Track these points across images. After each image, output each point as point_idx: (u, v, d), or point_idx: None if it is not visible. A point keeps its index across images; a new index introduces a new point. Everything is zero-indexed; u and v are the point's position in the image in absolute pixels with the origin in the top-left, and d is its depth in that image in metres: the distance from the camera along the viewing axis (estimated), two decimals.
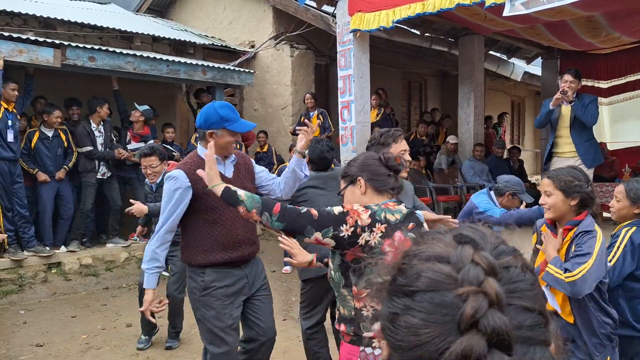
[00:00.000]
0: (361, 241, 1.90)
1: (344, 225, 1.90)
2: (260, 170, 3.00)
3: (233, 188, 2.07)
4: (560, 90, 5.65)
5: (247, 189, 2.44)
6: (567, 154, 5.84)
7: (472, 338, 0.58)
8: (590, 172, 5.70)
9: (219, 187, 2.12)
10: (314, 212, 1.94)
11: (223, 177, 2.59)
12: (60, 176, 6.25)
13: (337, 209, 1.95)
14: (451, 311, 0.61)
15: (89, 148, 6.37)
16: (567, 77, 5.71)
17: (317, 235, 1.92)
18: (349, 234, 1.90)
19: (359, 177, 2.06)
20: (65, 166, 6.30)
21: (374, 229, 1.91)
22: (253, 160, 3.06)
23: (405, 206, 2.05)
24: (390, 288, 0.68)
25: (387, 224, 1.92)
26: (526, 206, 3.76)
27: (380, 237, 1.90)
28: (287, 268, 6.52)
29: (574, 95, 5.67)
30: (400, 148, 2.86)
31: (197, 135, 2.89)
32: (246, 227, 2.80)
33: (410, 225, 1.96)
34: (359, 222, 1.91)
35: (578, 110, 5.58)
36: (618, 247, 2.66)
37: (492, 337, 0.58)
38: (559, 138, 5.90)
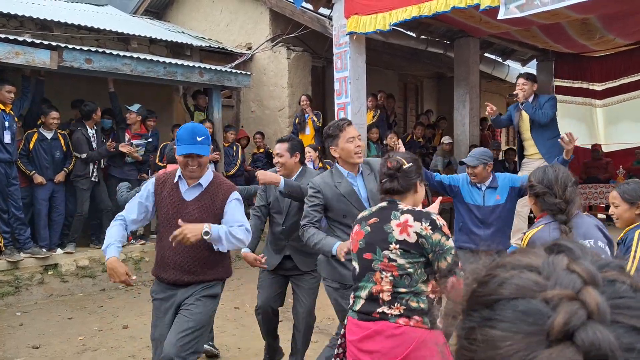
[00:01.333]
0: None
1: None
2: (230, 210, 2.79)
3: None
4: (512, 94, 5.78)
5: (200, 218, 2.66)
6: (534, 156, 5.89)
7: (563, 351, 0.50)
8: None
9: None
10: None
11: (179, 200, 2.78)
12: (60, 179, 6.27)
13: None
14: (539, 319, 0.53)
15: (88, 154, 6.39)
16: (520, 80, 5.77)
17: None
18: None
19: None
20: (65, 169, 6.33)
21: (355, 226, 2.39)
22: (233, 197, 2.83)
23: (389, 204, 2.26)
24: (468, 304, 0.61)
25: (356, 219, 2.36)
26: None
27: (352, 231, 2.35)
28: None
29: (532, 99, 5.70)
30: (348, 135, 2.96)
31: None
32: (181, 252, 2.73)
33: (372, 219, 2.24)
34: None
35: (528, 110, 5.63)
36: (636, 252, 2.62)
37: (589, 353, 0.49)
38: (525, 141, 5.96)
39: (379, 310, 2.15)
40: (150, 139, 7.10)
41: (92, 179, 6.51)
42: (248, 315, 4.96)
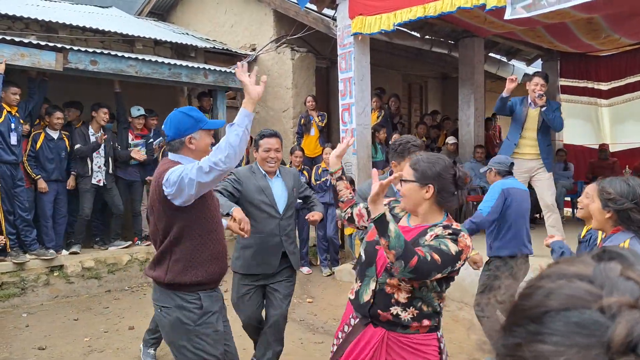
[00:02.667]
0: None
1: (459, 261, 2.01)
2: None
3: (389, 217, 1.93)
4: (537, 94, 5.44)
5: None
6: (527, 155, 5.69)
7: None
8: (550, 176, 5.70)
9: (377, 209, 1.94)
10: (436, 257, 1.94)
11: None
12: (72, 184, 6.36)
13: (453, 249, 1.99)
14: (596, 331, 0.48)
15: (78, 146, 6.37)
16: (538, 79, 5.51)
17: (438, 275, 1.98)
18: (460, 265, 2.05)
19: (430, 185, 2.10)
20: (72, 172, 6.39)
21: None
22: None
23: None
24: (509, 319, 0.56)
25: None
26: None
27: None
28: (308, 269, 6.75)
29: (545, 100, 5.54)
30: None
31: (169, 147, 2.60)
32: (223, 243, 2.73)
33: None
34: (467, 252, 2.05)
35: (549, 115, 5.45)
36: None
37: None
38: (523, 139, 5.69)
39: (392, 311, 2.09)
40: (151, 139, 7.12)
41: (94, 181, 6.50)
42: None
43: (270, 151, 3.48)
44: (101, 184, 6.56)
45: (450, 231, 2.03)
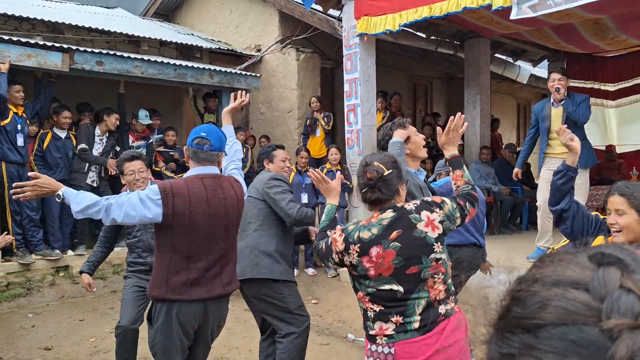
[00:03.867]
0: (347, 263, 2.14)
1: (333, 254, 2.19)
2: None
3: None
4: (555, 88, 5.32)
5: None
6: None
7: None
8: (586, 174, 5.54)
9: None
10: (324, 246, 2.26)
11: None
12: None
13: (330, 241, 2.22)
14: (595, 352, 0.46)
15: (83, 146, 6.37)
16: (555, 75, 5.41)
17: (331, 264, 2.25)
18: (337, 260, 2.18)
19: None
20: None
21: (349, 251, 2.11)
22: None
23: (395, 208, 2.12)
24: (502, 323, 0.54)
25: (361, 243, 2.08)
26: None
27: (357, 256, 2.09)
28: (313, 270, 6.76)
29: (565, 94, 5.40)
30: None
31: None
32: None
33: (394, 234, 2.05)
34: (337, 249, 2.15)
35: (569, 108, 5.31)
36: None
37: None
38: (551, 140, 5.61)
39: (441, 311, 2.08)
40: (151, 140, 7.13)
41: (88, 181, 6.47)
42: None
43: (286, 161, 3.66)
44: (95, 185, 6.55)
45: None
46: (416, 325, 2.04)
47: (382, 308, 2.08)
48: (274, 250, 3.30)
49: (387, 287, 2.06)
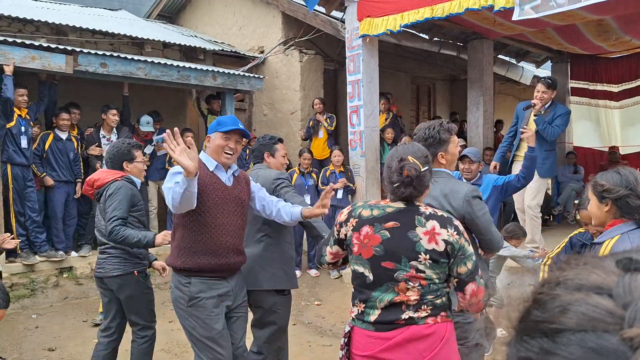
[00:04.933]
0: (342, 235, 2.17)
1: (333, 232, 2.22)
2: (258, 189, 3.04)
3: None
4: (531, 102, 5.42)
5: (243, 200, 2.85)
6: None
7: None
8: (545, 181, 5.53)
9: None
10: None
11: (223, 185, 2.78)
12: (79, 192, 6.29)
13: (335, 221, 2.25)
14: None
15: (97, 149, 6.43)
16: (540, 86, 5.43)
17: (329, 249, 2.25)
18: (336, 234, 2.20)
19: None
20: (78, 180, 6.37)
21: (347, 223, 2.14)
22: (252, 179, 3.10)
23: (407, 205, 2.07)
24: (522, 325, 0.52)
25: (359, 219, 2.10)
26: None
27: (352, 230, 2.11)
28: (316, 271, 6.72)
29: (548, 105, 5.43)
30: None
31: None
32: (235, 235, 2.83)
33: (390, 223, 2.04)
34: (340, 220, 2.19)
35: (539, 124, 5.36)
36: None
37: None
38: (522, 141, 5.54)
39: (404, 316, 2.00)
40: (154, 143, 7.17)
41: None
42: None
43: (285, 156, 3.62)
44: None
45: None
46: (372, 318, 2.04)
47: (354, 290, 2.15)
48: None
49: (360, 269, 2.09)
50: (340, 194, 6.73)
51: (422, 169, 2.04)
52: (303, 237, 6.71)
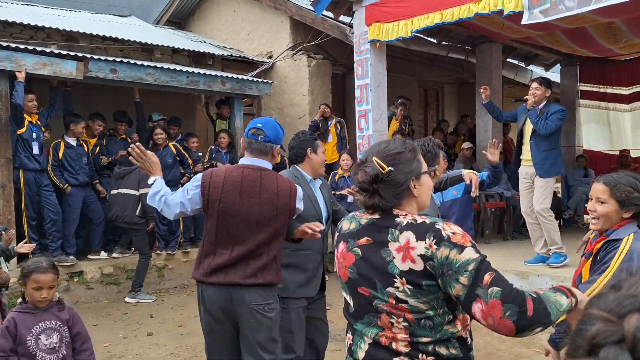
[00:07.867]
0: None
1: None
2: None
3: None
4: (524, 97, 5.46)
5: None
6: (526, 162, 5.56)
7: None
8: (550, 182, 5.50)
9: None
10: None
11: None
12: (100, 189, 6.61)
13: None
14: None
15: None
16: (533, 84, 5.44)
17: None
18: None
19: None
20: (95, 180, 6.62)
21: (335, 236, 1.79)
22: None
23: (381, 216, 1.60)
24: (570, 348, 0.52)
25: (339, 233, 1.72)
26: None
27: (335, 245, 1.75)
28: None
29: (543, 105, 5.36)
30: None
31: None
32: None
33: (363, 239, 1.61)
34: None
35: (532, 118, 5.32)
36: (616, 262, 2.10)
37: None
38: (524, 145, 5.63)
39: None
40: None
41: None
42: None
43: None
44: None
45: None
46: (361, 356, 1.60)
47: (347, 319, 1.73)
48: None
49: (344, 294, 1.70)
50: (350, 198, 6.73)
51: (385, 171, 1.57)
52: None
